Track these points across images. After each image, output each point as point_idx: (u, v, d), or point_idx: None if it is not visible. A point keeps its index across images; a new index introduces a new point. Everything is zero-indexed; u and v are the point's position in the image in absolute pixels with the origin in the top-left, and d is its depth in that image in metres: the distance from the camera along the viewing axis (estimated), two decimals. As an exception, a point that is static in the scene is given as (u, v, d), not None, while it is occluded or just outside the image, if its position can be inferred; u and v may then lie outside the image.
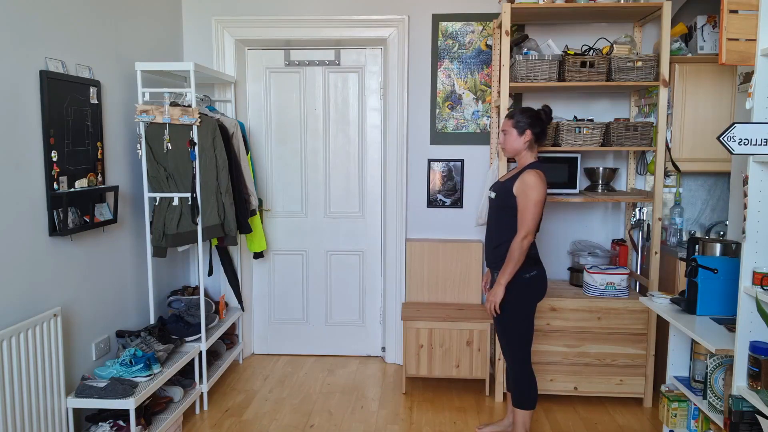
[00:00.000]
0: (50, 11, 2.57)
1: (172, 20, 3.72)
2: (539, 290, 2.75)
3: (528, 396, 2.79)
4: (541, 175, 2.64)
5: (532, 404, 2.80)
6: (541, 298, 2.77)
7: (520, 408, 2.80)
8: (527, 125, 2.71)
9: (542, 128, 2.74)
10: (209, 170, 3.21)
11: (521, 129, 2.72)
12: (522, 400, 2.79)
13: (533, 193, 2.61)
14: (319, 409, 3.33)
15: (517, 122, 2.73)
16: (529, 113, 2.73)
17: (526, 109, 2.76)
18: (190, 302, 3.39)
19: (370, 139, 4.00)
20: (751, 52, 2.12)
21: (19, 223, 2.38)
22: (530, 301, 2.74)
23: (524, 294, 2.71)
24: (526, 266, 2.68)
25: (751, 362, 2.04)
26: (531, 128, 2.71)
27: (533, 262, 2.71)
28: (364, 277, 4.12)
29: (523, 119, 2.72)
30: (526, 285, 2.70)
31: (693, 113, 3.38)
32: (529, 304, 2.74)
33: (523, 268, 2.67)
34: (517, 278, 2.67)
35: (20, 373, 2.29)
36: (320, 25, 3.76)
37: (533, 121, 2.72)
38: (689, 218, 3.74)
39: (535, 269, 2.71)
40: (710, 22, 3.34)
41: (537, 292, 2.75)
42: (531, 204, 2.61)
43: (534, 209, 2.61)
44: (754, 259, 2.05)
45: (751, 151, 1.99)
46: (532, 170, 2.65)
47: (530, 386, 2.79)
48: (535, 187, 2.61)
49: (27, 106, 2.43)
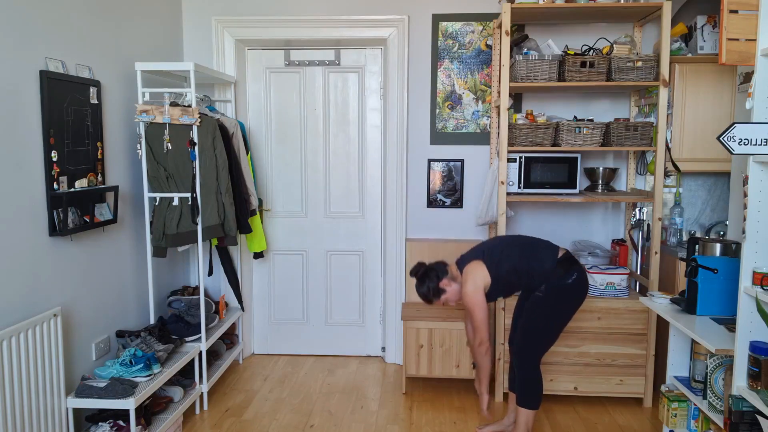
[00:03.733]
0: (50, 11, 2.57)
1: (172, 20, 3.72)
2: (582, 292, 2.73)
3: (535, 396, 2.79)
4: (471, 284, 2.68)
5: (537, 404, 2.80)
6: (580, 297, 2.74)
7: (526, 407, 2.79)
8: (437, 282, 2.75)
9: (435, 275, 2.76)
10: (209, 170, 3.21)
11: (441, 291, 2.76)
12: (528, 399, 2.79)
13: (469, 301, 2.67)
14: (319, 409, 3.33)
15: (435, 291, 2.77)
16: (425, 282, 2.76)
17: (422, 280, 2.78)
18: (190, 302, 3.39)
19: (370, 139, 4.01)
20: (751, 52, 2.12)
21: (19, 223, 2.38)
22: (573, 306, 2.73)
23: (567, 298, 2.70)
24: (566, 271, 2.67)
25: (751, 362, 2.04)
26: (438, 281, 2.75)
27: (569, 264, 2.69)
28: (364, 277, 4.12)
29: (432, 285, 2.76)
30: (570, 289, 2.68)
31: (693, 113, 3.38)
32: (572, 309, 2.74)
33: (564, 273, 2.66)
34: (561, 284, 2.67)
35: (20, 373, 2.29)
36: (320, 25, 3.76)
37: (432, 280, 2.76)
38: (689, 218, 3.74)
39: (575, 271, 2.69)
40: (710, 22, 3.34)
41: (581, 295, 2.73)
42: (475, 309, 2.67)
43: (480, 313, 2.66)
44: (754, 259, 2.05)
45: (751, 151, 1.99)
46: (464, 285, 2.71)
47: (538, 387, 2.79)
48: (472, 294, 2.67)
49: (27, 106, 2.43)
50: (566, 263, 2.69)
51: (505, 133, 3.22)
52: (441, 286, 2.74)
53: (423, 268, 2.79)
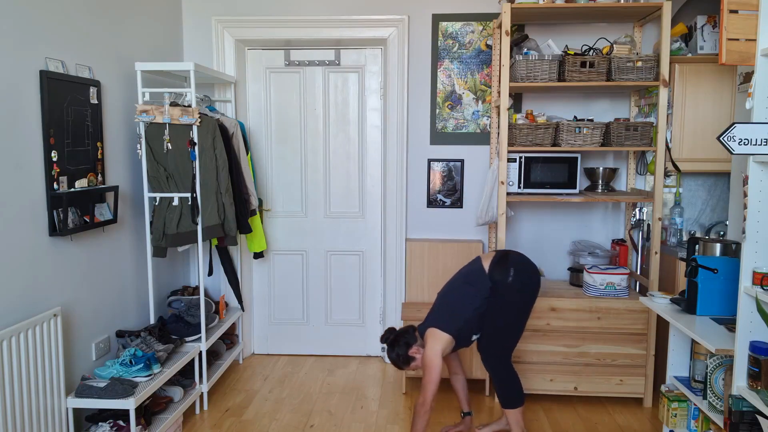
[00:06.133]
0: (50, 11, 2.57)
1: (172, 20, 3.72)
2: (527, 283, 2.76)
3: (516, 394, 2.81)
4: (430, 348, 2.71)
5: (521, 401, 2.82)
6: (530, 286, 2.78)
7: (512, 407, 2.82)
8: (406, 350, 2.78)
9: (405, 343, 2.79)
10: (209, 170, 3.21)
11: (410, 359, 2.79)
12: (510, 399, 2.82)
13: (427, 362, 2.70)
14: (319, 409, 3.33)
15: (405, 359, 2.80)
16: (395, 349, 2.79)
17: (391, 346, 2.81)
18: (190, 302, 3.39)
19: (370, 139, 4.01)
20: (751, 52, 2.12)
21: (19, 223, 2.38)
22: (524, 298, 2.77)
23: (513, 293, 2.74)
24: (502, 272, 2.73)
25: (751, 362, 2.04)
26: (408, 348, 2.78)
27: (503, 264, 2.75)
28: (364, 277, 4.12)
29: (402, 353, 2.79)
30: (512, 285, 2.73)
31: (693, 113, 3.38)
32: (524, 300, 2.77)
33: (502, 275, 2.73)
34: (503, 284, 2.72)
35: (20, 373, 2.29)
36: (320, 25, 3.76)
37: (402, 348, 2.79)
38: (689, 218, 3.74)
39: (510, 267, 2.74)
40: (710, 22, 3.34)
41: (526, 286, 2.77)
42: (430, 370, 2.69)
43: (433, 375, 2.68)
44: (754, 259, 2.05)
45: (751, 151, 1.99)
46: (426, 347, 2.74)
47: (516, 384, 2.82)
48: (430, 357, 2.69)
49: (27, 106, 2.43)
50: (499, 266, 2.76)
51: (505, 133, 3.22)
52: (410, 354, 2.79)
53: (393, 335, 2.84)
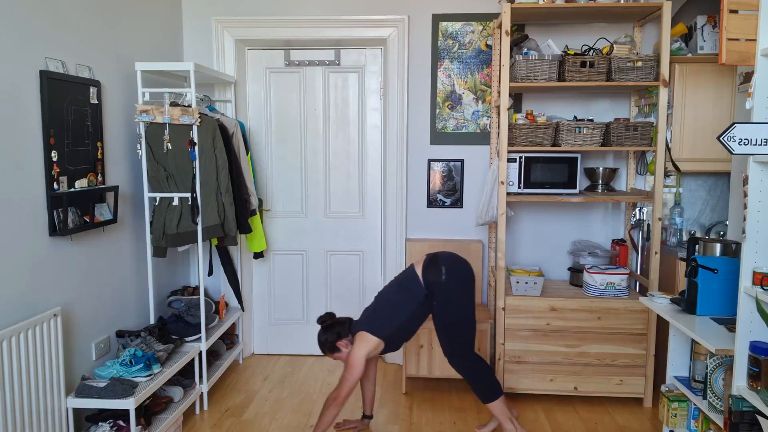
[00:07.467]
0: (50, 11, 2.57)
1: (172, 20, 3.72)
2: (460, 277, 2.81)
3: (491, 385, 2.82)
4: (357, 349, 2.75)
5: (498, 391, 2.82)
6: (466, 280, 2.82)
7: (492, 400, 2.82)
8: (335, 339, 2.82)
9: (337, 332, 2.83)
10: (209, 170, 3.21)
11: (335, 349, 2.84)
12: (487, 392, 2.82)
13: (351, 362, 2.74)
14: (319, 409, 3.33)
15: (331, 347, 2.84)
16: (326, 334, 2.83)
17: (324, 330, 2.85)
18: (190, 302, 3.39)
19: (370, 139, 4.01)
20: (751, 52, 2.13)
21: (19, 223, 2.38)
22: (462, 290, 2.81)
23: (452, 289, 2.79)
24: (435, 273, 2.79)
25: (751, 362, 2.04)
26: (338, 338, 2.82)
27: (434, 265, 2.81)
28: (364, 278, 4.12)
29: (330, 340, 2.82)
30: (448, 283, 2.78)
31: (693, 113, 3.38)
32: (464, 291, 2.82)
33: (435, 275, 2.78)
34: (439, 284, 2.78)
35: (20, 373, 2.29)
36: (320, 25, 3.76)
37: (332, 336, 2.82)
38: (689, 218, 3.74)
39: (441, 266, 2.80)
40: (710, 22, 3.34)
41: (460, 281, 2.81)
42: (352, 369, 2.73)
43: (354, 375, 2.72)
44: (754, 259, 2.05)
45: (751, 151, 1.99)
46: (353, 347, 2.78)
47: (488, 374, 2.82)
48: (355, 357, 2.73)
49: (27, 106, 2.43)
50: (431, 268, 2.82)
51: (505, 133, 3.22)
52: (337, 345, 2.84)
53: (330, 321, 2.88)
